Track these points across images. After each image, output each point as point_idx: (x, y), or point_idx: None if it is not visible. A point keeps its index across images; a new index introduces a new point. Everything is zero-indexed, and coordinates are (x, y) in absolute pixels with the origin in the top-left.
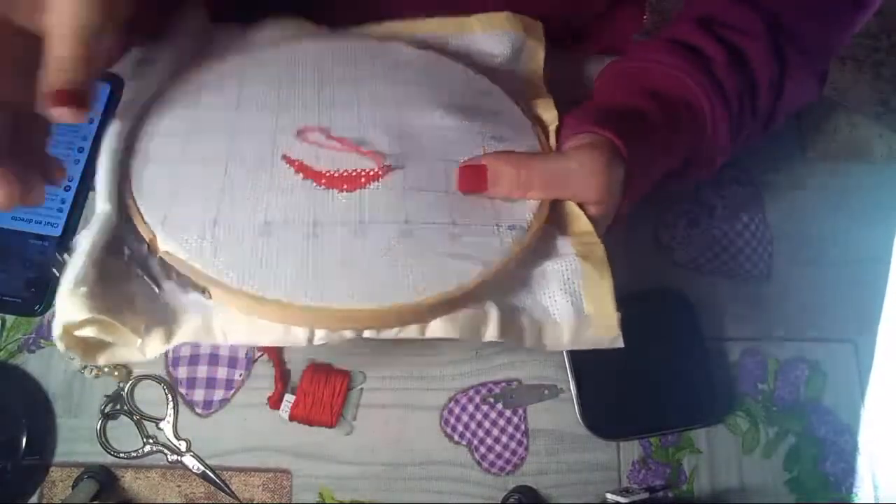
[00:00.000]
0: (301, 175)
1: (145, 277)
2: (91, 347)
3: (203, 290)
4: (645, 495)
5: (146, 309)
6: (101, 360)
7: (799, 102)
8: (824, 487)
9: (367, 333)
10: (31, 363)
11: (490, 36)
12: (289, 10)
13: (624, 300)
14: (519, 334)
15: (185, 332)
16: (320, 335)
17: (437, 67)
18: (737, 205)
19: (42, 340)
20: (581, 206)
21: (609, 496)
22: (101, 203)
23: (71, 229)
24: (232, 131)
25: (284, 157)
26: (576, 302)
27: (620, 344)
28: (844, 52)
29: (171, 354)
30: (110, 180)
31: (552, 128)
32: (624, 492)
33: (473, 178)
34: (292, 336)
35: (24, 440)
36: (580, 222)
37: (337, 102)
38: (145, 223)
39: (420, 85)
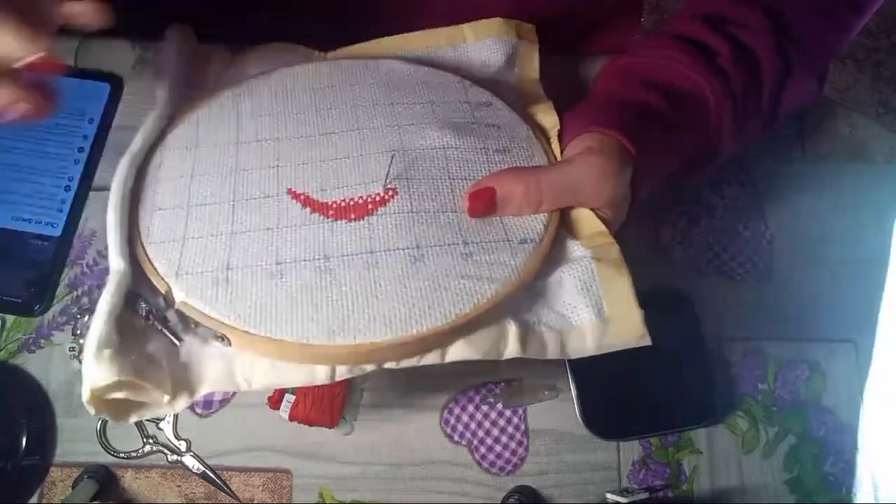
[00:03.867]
0: (308, 209)
1: (164, 331)
2: (121, 407)
3: (222, 338)
4: (645, 495)
5: (168, 364)
6: (133, 418)
7: (799, 102)
8: (824, 487)
9: (387, 364)
10: (31, 363)
11: (483, 44)
12: (275, 30)
13: None
14: (541, 347)
15: (209, 383)
16: (342, 371)
17: (433, 82)
18: (737, 205)
19: (42, 340)
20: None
21: (609, 496)
22: (114, 260)
23: (71, 229)
24: (235, 168)
25: (290, 191)
26: (596, 305)
27: (648, 342)
28: (844, 52)
29: None
30: (121, 234)
31: (553, 132)
32: (624, 492)
33: (483, 203)
34: (314, 374)
35: (24, 440)
36: (591, 223)
37: (336, 129)
38: (159, 275)
39: (418, 104)
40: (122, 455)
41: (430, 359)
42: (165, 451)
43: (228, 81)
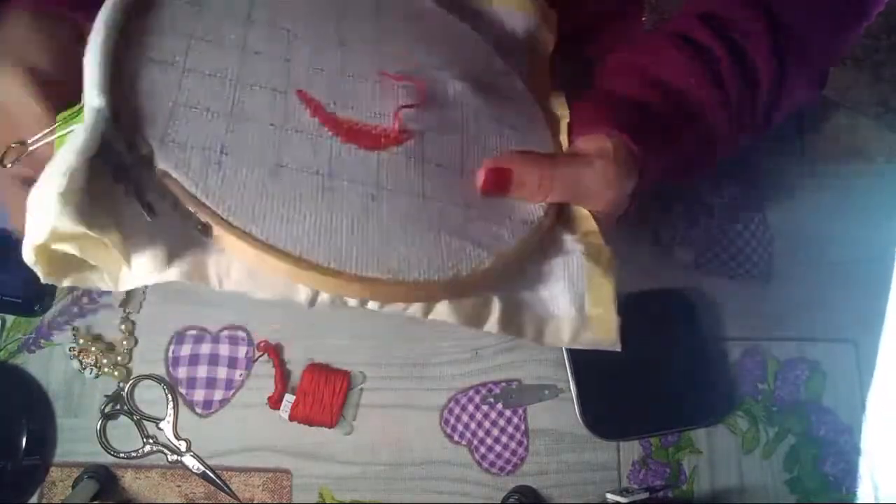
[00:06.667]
0: (318, 119)
1: (136, 199)
2: (58, 266)
3: (202, 226)
4: (645, 495)
5: (134, 233)
6: (67, 280)
7: (798, 104)
8: (824, 487)
9: (371, 305)
10: (31, 363)
11: (507, 11)
12: None
13: (624, 300)
14: (519, 328)
15: (175, 271)
16: (324, 298)
17: (458, 34)
18: (737, 205)
19: (42, 340)
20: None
21: (609, 496)
22: (92, 96)
23: None
24: (242, 46)
25: (300, 92)
26: (578, 301)
27: (618, 348)
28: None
29: (171, 354)
30: (103, 69)
31: (563, 123)
32: (624, 492)
33: (498, 181)
34: (294, 292)
35: (24, 440)
36: (587, 222)
37: (358, 46)
38: (142, 132)
39: (441, 48)
40: (122, 455)
41: (414, 310)
42: (165, 451)
43: None
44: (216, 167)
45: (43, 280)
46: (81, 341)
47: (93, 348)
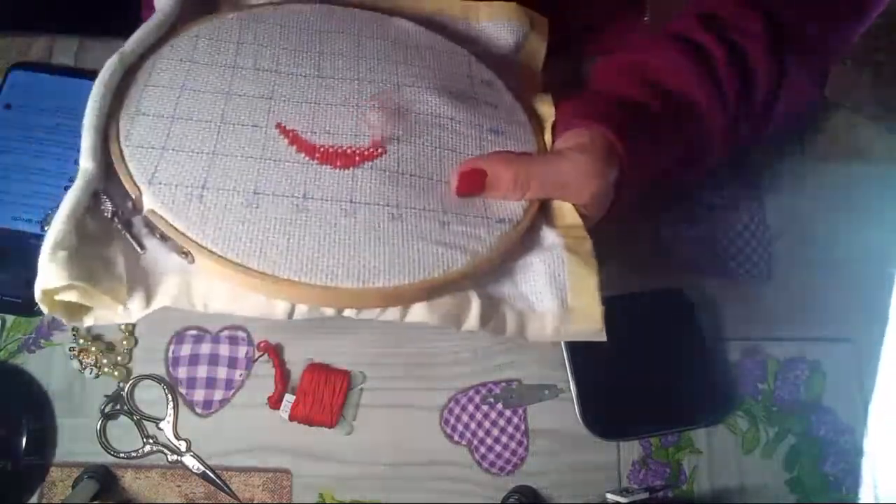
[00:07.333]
0: (294, 147)
1: (127, 236)
2: (75, 309)
3: (186, 254)
4: (645, 495)
5: (127, 272)
6: (87, 321)
7: (798, 105)
8: (824, 487)
9: (347, 312)
10: (31, 363)
11: (495, 24)
12: None
13: (624, 300)
14: (500, 324)
15: (165, 297)
16: (301, 310)
17: (440, 49)
18: (737, 205)
19: (42, 340)
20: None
21: (609, 496)
22: (84, 160)
23: None
24: (227, 91)
25: (279, 125)
26: (560, 294)
27: (603, 338)
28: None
29: (171, 354)
30: (96, 134)
31: (548, 124)
32: (624, 492)
33: (472, 184)
34: (273, 308)
35: (24, 440)
36: (569, 216)
37: (336, 75)
38: (132, 178)
39: (421, 66)
40: (122, 455)
41: (390, 315)
42: (165, 451)
43: (232, 4)
44: (198, 200)
45: (67, 324)
46: (81, 341)
47: (93, 348)
